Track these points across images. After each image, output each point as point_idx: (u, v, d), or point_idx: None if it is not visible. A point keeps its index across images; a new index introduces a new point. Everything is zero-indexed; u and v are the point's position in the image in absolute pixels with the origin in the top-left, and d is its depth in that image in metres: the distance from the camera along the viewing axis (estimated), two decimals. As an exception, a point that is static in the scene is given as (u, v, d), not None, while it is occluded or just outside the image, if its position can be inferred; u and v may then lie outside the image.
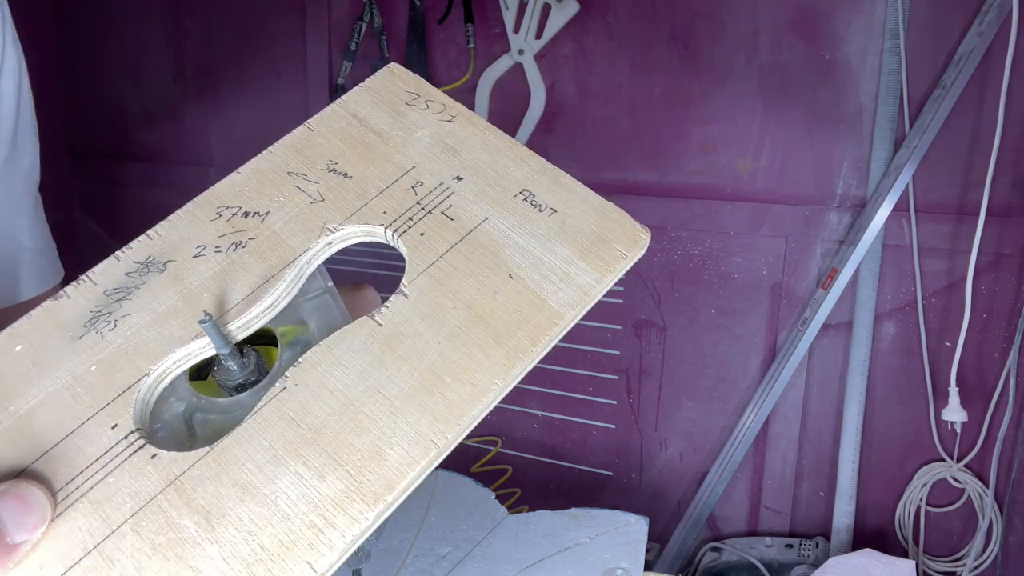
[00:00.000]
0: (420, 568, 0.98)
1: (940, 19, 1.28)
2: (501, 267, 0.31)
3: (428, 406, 0.27)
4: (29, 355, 0.28)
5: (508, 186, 0.33)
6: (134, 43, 1.96)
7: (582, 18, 1.48)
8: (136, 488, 0.25)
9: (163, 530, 0.24)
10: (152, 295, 0.31)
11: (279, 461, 0.26)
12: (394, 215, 0.32)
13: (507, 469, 1.74)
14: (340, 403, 0.27)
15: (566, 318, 0.31)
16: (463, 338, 0.29)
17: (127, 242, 0.36)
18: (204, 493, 0.25)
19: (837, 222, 1.40)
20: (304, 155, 0.35)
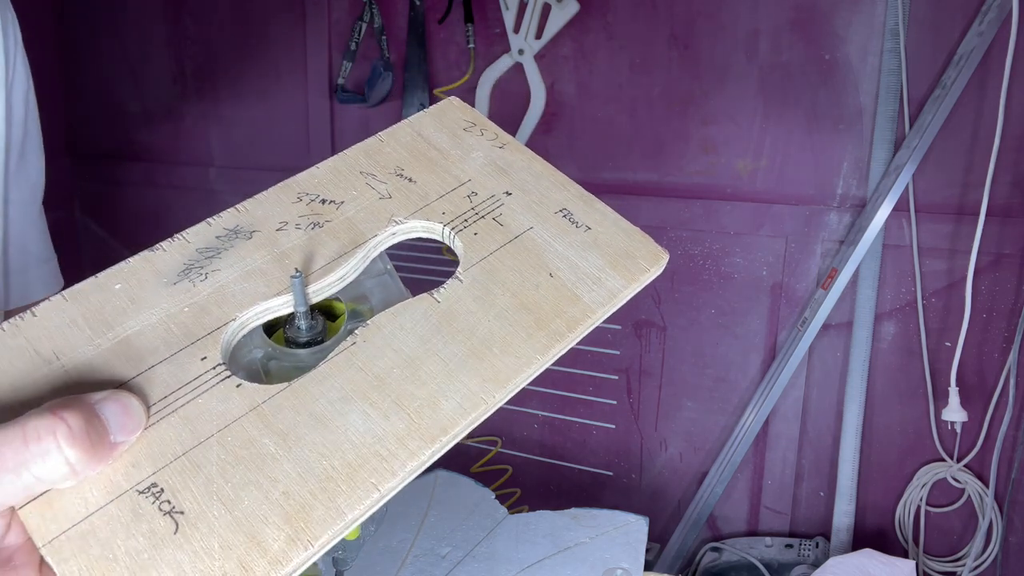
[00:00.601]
0: (420, 568, 0.98)
1: (940, 19, 1.28)
2: (543, 267, 0.36)
3: (478, 370, 0.31)
4: (127, 293, 0.32)
5: (550, 204, 0.39)
6: (134, 43, 1.96)
7: (582, 18, 1.48)
8: (222, 410, 0.29)
9: (245, 445, 0.28)
10: (240, 256, 0.35)
11: (349, 400, 0.30)
12: (451, 216, 0.37)
13: (507, 469, 1.74)
14: (403, 359, 0.31)
15: (597, 313, 0.35)
16: (509, 319, 0.33)
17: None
18: (283, 419, 0.29)
19: (837, 222, 1.40)
20: (374, 159, 0.39)
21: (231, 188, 1.90)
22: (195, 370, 0.30)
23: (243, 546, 0.25)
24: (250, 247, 0.35)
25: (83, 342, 0.30)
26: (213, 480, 0.27)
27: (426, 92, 1.62)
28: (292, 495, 0.27)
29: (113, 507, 0.26)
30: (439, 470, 1.21)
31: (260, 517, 0.26)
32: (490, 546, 1.02)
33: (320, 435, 0.29)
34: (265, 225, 0.36)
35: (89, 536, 0.25)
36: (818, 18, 1.35)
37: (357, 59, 1.65)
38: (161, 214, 2.01)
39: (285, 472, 0.27)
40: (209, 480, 0.27)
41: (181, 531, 0.26)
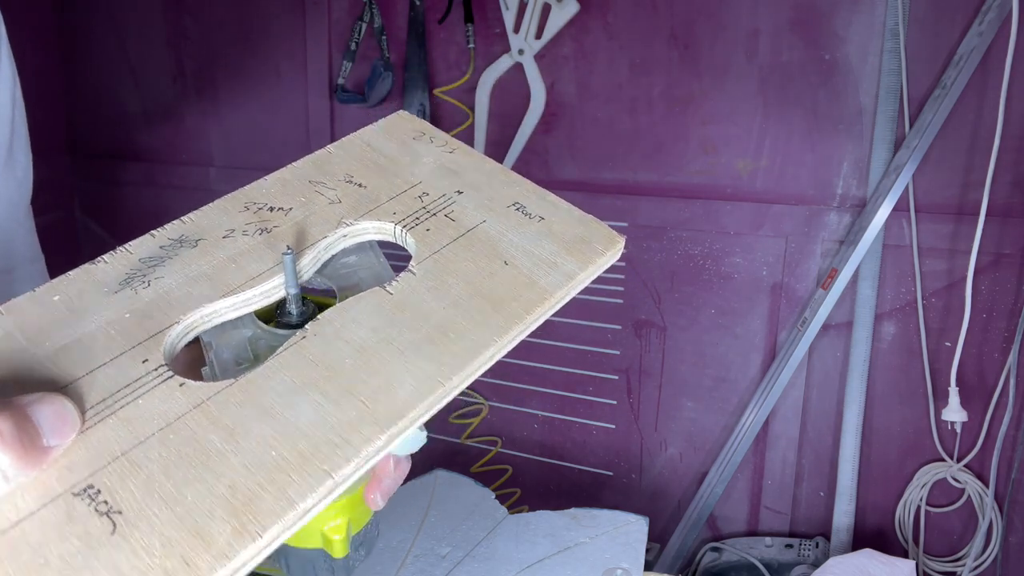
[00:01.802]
0: (420, 568, 0.98)
1: (940, 19, 1.28)
2: (497, 256, 0.35)
3: (434, 355, 0.31)
4: (66, 304, 0.32)
5: (502, 200, 0.39)
6: (134, 43, 1.96)
7: (582, 18, 1.48)
8: (164, 409, 0.28)
9: (188, 443, 0.27)
10: (184, 263, 0.35)
11: (298, 391, 0.29)
12: (403, 216, 0.37)
13: (507, 469, 1.74)
14: (354, 349, 0.31)
15: (555, 296, 0.34)
16: (465, 306, 0.33)
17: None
18: (229, 414, 0.28)
19: (837, 222, 1.40)
20: (324, 169, 0.40)
21: (231, 188, 1.89)
22: (136, 372, 0.30)
23: (186, 542, 0.25)
24: (195, 254, 0.35)
25: (18, 351, 0.30)
26: (154, 478, 0.26)
27: (426, 92, 1.62)
28: (238, 488, 0.26)
29: (46, 512, 0.25)
30: (439, 470, 1.21)
31: (204, 512, 0.25)
32: (490, 546, 1.02)
33: (268, 427, 0.28)
34: (211, 234, 0.36)
35: (19, 542, 0.24)
36: (818, 18, 1.35)
37: (357, 59, 1.65)
38: (161, 214, 2.00)
39: (231, 466, 0.27)
40: (150, 478, 0.26)
41: (119, 531, 0.25)
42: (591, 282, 0.37)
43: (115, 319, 0.32)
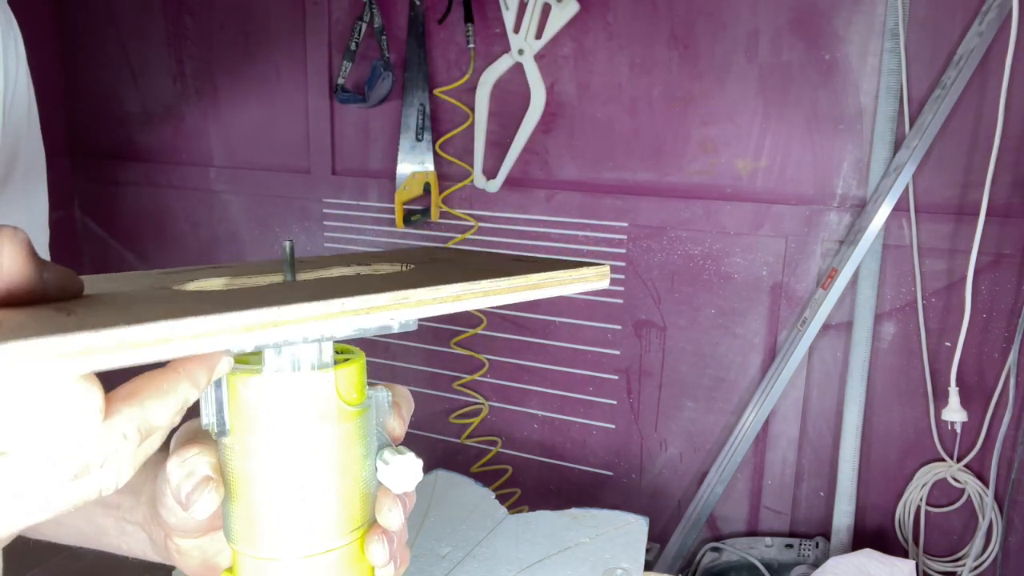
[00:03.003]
0: (420, 568, 0.98)
1: (940, 19, 1.28)
2: (490, 269, 0.38)
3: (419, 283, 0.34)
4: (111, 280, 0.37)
5: (505, 257, 0.43)
6: (134, 43, 1.96)
7: (582, 18, 1.48)
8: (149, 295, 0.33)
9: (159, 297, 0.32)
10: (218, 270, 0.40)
11: None
12: (414, 262, 0.43)
13: (507, 469, 1.74)
14: (341, 284, 0.34)
15: (536, 277, 0.36)
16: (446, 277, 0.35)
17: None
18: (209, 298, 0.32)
19: (837, 222, 1.40)
20: (357, 255, 0.46)
21: (231, 188, 1.91)
22: (145, 287, 0.34)
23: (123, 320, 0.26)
24: (228, 268, 0.40)
25: None
26: (119, 304, 0.29)
27: (426, 92, 1.62)
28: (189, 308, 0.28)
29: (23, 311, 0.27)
30: (439, 470, 1.21)
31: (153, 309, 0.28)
32: (490, 546, 1.02)
33: (241, 297, 0.30)
34: (240, 269, 0.41)
35: None
36: (818, 18, 1.35)
37: (357, 59, 1.65)
38: (161, 214, 2.01)
39: (192, 304, 0.28)
40: (115, 303, 0.29)
41: (72, 316, 0.27)
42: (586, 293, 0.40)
43: (143, 280, 0.36)
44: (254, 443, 0.33)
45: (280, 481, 0.34)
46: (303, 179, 1.81)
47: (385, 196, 1.72)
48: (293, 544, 0.34)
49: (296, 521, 0.34)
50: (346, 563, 0.35)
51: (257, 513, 0.34)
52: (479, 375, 1.72)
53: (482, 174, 1.59)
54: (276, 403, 0.33)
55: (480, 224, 1.64)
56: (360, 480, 0.36)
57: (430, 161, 1.64)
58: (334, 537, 0.35)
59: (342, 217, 1.78)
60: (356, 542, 0.36)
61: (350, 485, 0.35)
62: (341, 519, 0.35)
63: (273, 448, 0.33)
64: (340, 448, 0.35)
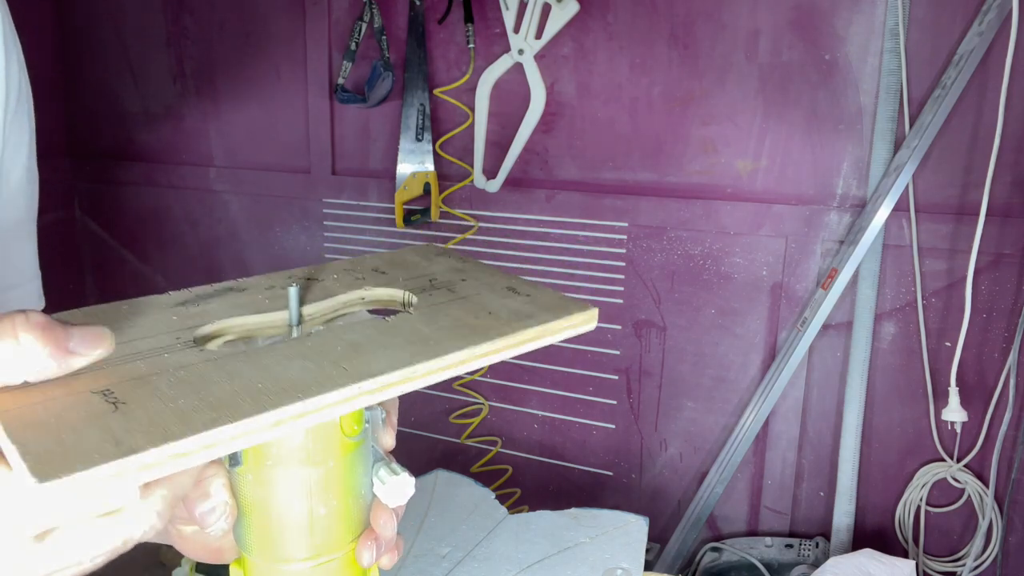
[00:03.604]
0: (420, 568, 0.98)
1: (940, 19, 1.29)
2: (484, 309, 0.41)
3: (413, 352, 0.36)
4: (131, 308, 0.40)
5: (498, 284, 0.46)
6: (134, 43, 1.96)
7: (582, 18, 1.48)
8: (182, 360, 0.34)
9: (194, 376, 0.33)
10: (230, 299, 0.43)
11: (294, 359, 0.35)
12: (412, 287, 0.45)
13: (507, 469, 1.74)
14: (348, 344, 0.36)
15: (526, 333, 0.39)
16: (448, 330, 0.38)
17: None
18: (232, 365, 0.34)
19: (837, 222, 1.41)
20: (356, 264, 0.49)
21: (231, 188, 1.91)
22: (169, 343, 0.36)
23: (170, 422, 0.29)
24: (240, 295, 0.43)
25: None
26: (159, 389, 0.31)
27: (426, 92, 1.62)
28: (223, 399, 0.31)
29: (67, 398, 0.30)
30: (439, 470, 1.21)
31: (190, 408, 0.30)
32: (490, 546, 1.02)
33: (261, 373, 0.33)
34: (256, 287, 0.44)
35: (38, 408, 0.30)
36: (818, 18, 1.36)
37: (357, 59, 1.65)
38: (161, 214, 2.01)
39: (222, 388, 0.32)
40: (156, 389, 0.31)
41: (119, 411, 0.30)
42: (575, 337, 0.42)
43: (164, 319, 0.39)
44: (265, 476, 0.37)
45: (289, 506, 0.38)
46: (303, 179, 1.81)
47: (385, 196, 1.72)
48: (300, 554, 0.38)
49: (303, 536, 0.38)
50: (346, 565, 0.40)
51: (268, 530, 0.38)
52: (479, 375, 1.72)
53: (482, 174, 1.59)
54: (286, 445, 0.37)
55: (480, 224, 1.64)
56: (359, 497, 0.40)
57: (430, 161, 1.64)
58: (335, 547, 0.39)
59: (342, 217, 1.78)
60: (353, 545, 0.40)
61: (350, 504, 0.39)
62: (341, 532, 0.39)
63: (283, 480, 0.37)
64: (342, 475, 0.38)
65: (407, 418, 1.81)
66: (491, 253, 1.65)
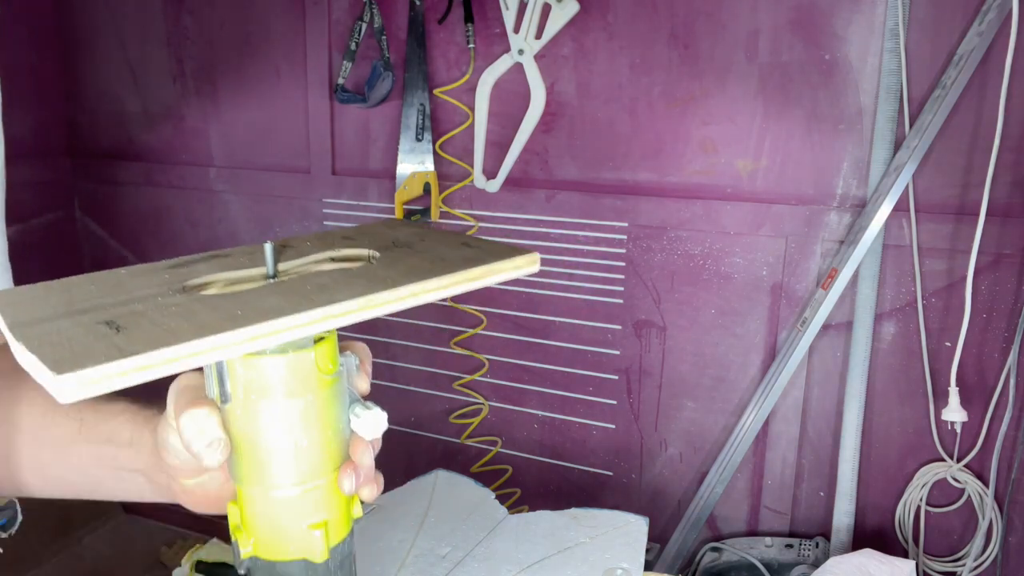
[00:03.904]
0: (420, 568, 0.98)
1: (940, 19, 1.29)
2: (439, 258, 0.47)
3: (371, 286, 0.41)
4: (129, 272, 0.47)
5: (454, 242, 0.51)
6: (134, 43, 1.96)
7: (582, 18, 1.48)
8: (173, 300, 0.41)
9: (182, 308, 0.39)
10: (215, 261, 0.48)
11: (270, 296, 0.41)
12: (376, 247, 0.51)
13: (507, 469, 1.74)
14: (317, 286, 0.42)
15: (474, 272, 0.45)
16: (406, 273, 0.44)
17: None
18: (216, 301, 0.40)
19: (837, 222, 1.41)
20: (329, 235, 0.55)
21: (231, 188, 1.91)
22: (162, 291, 0.42)
23: (164, 338, 0.34)
24: (225, 260, 0.49)
25: (92, 291, 0.43)
26: (154, 319, 0.37)
27: (426, 92, 1.62)
28: (208, 322, 0.36)
29: (76, 327, 0.37)
30: (439, 470, 1.21)
31: (180, 328, 0.36)
32: (490, 546, 1.02)
33: (240, 306, 0.38)
34: (238, 253, 0.50)
35: (52, 332, 0.36)
36: (818, 18, 1.36)
37: (357, 59, 1.65)
38: (161, 214, 2.01)
39: (207, 315, 0.37)
40: (151, 319, 0.37)
41: (121, 333, 0.36)
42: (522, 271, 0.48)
43: (158, 278, 0.45)
44: (253, 410, 0.42)
45: (276, 438, 0.43)
46: (303, 179, 1.81)
47: (385, 196, 1.72)
48: (288, 481, 0.43)
49: (289, 464, 0.43)
50: (328, 491, 0.45)
51: (259, 460, 0.43)
52: (479, 375, 1.72)
53: (482, 174, 1.59)
54: (269, 379, 0.42)
55: (480, 224, 1.64)
56: (338, 431, 0.45)
57: (430, 161, 1.64)
58: (319, 474, 0.44)
59: (342, 217, 1.78)
60: (335, 475, 0.45)
61: (330, 436, 0.44)
62: (323, 460, 0.44)
63: (268, 413, 0.42)
64: (321, 409, 0.43)
65: (407, 418, 1.81)
66: (491, 253, 1.65)
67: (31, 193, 2.02)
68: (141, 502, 0.55)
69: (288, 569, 0.44)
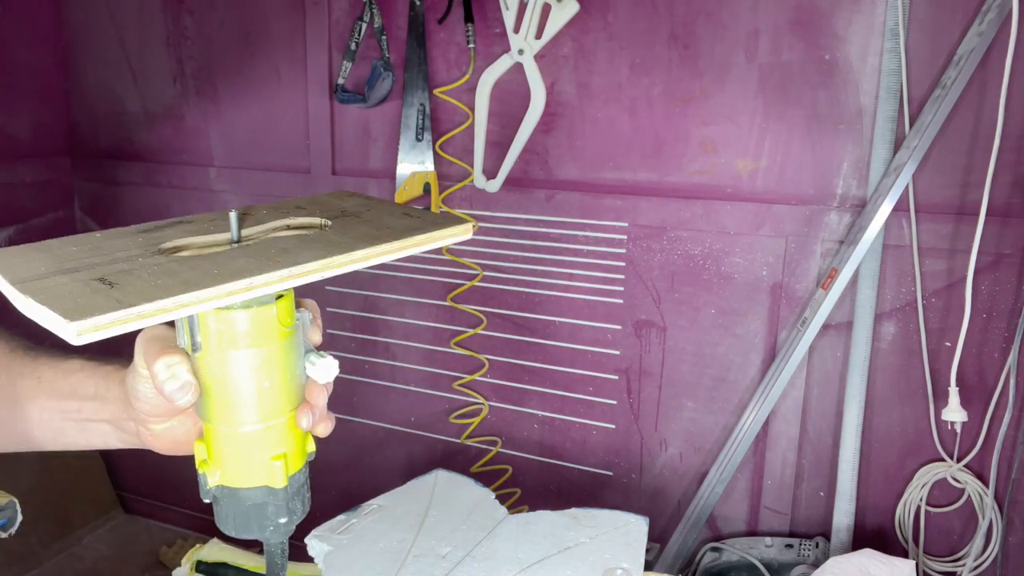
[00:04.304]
0: (420, 568, 0.98)
1: (940, 19, 1.29)
2: (384, 226, 0.53)
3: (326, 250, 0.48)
4: (104, 235, 0.51)
5: (396, 212, 0.57)
6: (134, 43, 1.96)
7: (582, 18, 1.48)
8: (153, 261, 0.46)
9: (164, 268, 0.45)
10: (181, 227, 0.54)
11: (238, 257, 0.47)
12: (328, 216, 0.56)
13: (507, 469, 1.74)
14: (279, 249, 0.48)
15: (414, 238, 0.51)
16: (354, 238, 0.50)
17: None
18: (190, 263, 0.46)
19: (837, 222, 1.41)
20: (284, 204, 0.60)
21: (231, 188, 1.91)
22: (141, 253, 0.47)
23: (155, 292, 0.40)
24: (190, 225, 0.54)
25: (74, 252, 0.47)
26: (142, 276, 0.43)
27: (426, 92, 1.62)
28: (191, 278, 0.42)
29: (73, 284, 0.42)
30: (439, 470, 1.21)
31: (168, 284, 0.41)
32: (490, 546, 1.02)
33: (215, 266, 0.44)
34: (201, 219, 0.55)
35: (50, 285, 0.41)
36: (818, 18, 1.36)
37: (357, 59, 1.65)
38: (161, 214, 2.01)
39: (189, 273, 0.43)
40: (140, 276, 0.43)
41: (115, 288, 0.41)
42: None
43: (132, 241, 0.50)
44: (223, 357, 0.48)
45: (241, 382, 0.48)
46: (303, 179, 1.81)
47: (385, 196, 1.72)
48: (252, 419, 0.49)
49: (253, 404, 0.49)
50: (287, 428, 0.51)
51: (226, 402, 0.49)
52: (479, 375, 1.72)
53: (482, 174, 1.59)
54: (237, 331, 0.47)
55: (480, 224, 1.64)
56: (295, 376, 0.51)
57: (430, 161, 1.64)
58: (279, 413, 0.50)
59: (342, 217, 1.78)
60: (293, 414, 0.51)
61: (288, 380, 0.50)
62: (283, 401, 0.50)
63: (237, 360, 0.48)
64: (281, 357, 0.49)
65: (407, 418, 1.81)
66: (491, 253, 1.65)
67: (31, 193, 2.02)
68: (105, 449, 0.59)
69: (252, 495, 0.51)
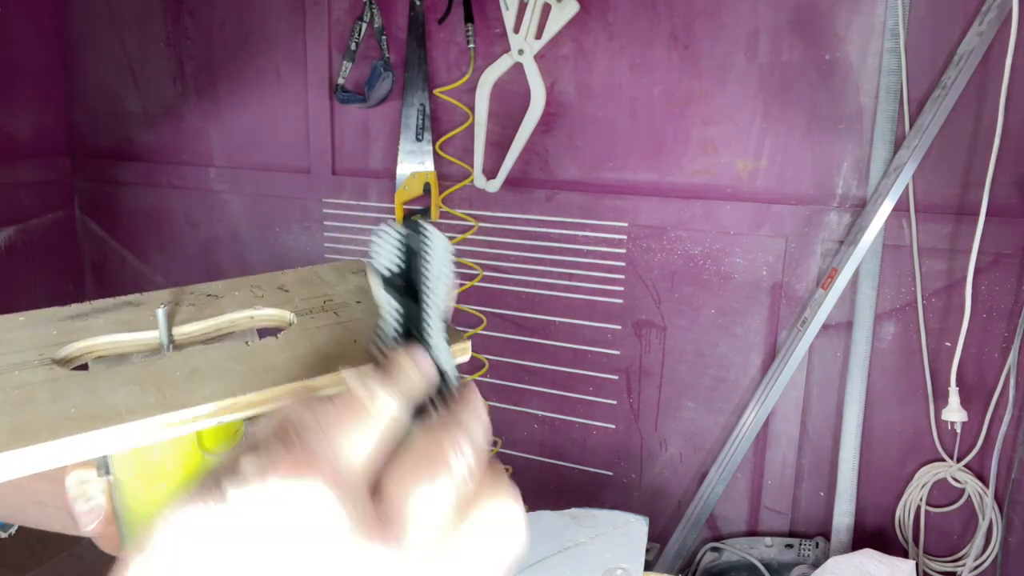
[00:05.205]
0: (420, 568, 0.98)
1: (940, 19, 1.28)
2: (352, 337, 0.42)
3: (249, 382, 0.37)
4: (25, 318, 0.44)
5: None
6: (134, 43, 1.96)
7: (582, 18, 1.48)
8: (25, 378, 0.37)
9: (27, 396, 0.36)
10: (121, 314, 0.44)
11: (127, 384, 0.37)
12: (303, 309, 0.46)
13: (507, 469, 1.74)
14: (189, 369, 0.38)
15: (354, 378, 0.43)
16: (300, 360, 0.39)
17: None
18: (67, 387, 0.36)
19: (837, 222, 1.40)
20: (268, 280, 0.50)
21: (231, 188, 1.91)
22: (30, 359, 0.39)
23: None
24: (135, 310, 0.45)
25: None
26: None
27: (426, 92, 1.62)
28: (27, 424, 0.33)
29: None
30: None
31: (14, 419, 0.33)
32: (490, 546, 1.02)
33: (85, 397, 0.35)
34: (155, 301, 0.46)
35: None
36: (818, 18, 1.35)
37: (357, 59, 1.65)
38: (161, 214, 2.01)
39: (37, 411, 0.34)
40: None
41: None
42: None
43: (43, 333, 0.42)
44: (130, 487, 0.39)
45: (154, 513, 0.40)
46: (303, 179, 1.81)
47: (385, 196, 1.72)
48: None
49: None
50: None
51: (138, 529, 0.41)
52: (479, 375, 1.72)
53: (482, 174, 1.59)
54: (147, 457, 0.39)
55: (480, 224, 1.64)
56: None
57: (430, 161, 1.64)
58: None
59: (342, 217, 1.78)
60: None
61: None
62: None
63: (145, 491, 0.40)
64: None
65: (407, 418, 1.81)
66: (491, 253, 1.65)
67: (31, 193, 2.02)
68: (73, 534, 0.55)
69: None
